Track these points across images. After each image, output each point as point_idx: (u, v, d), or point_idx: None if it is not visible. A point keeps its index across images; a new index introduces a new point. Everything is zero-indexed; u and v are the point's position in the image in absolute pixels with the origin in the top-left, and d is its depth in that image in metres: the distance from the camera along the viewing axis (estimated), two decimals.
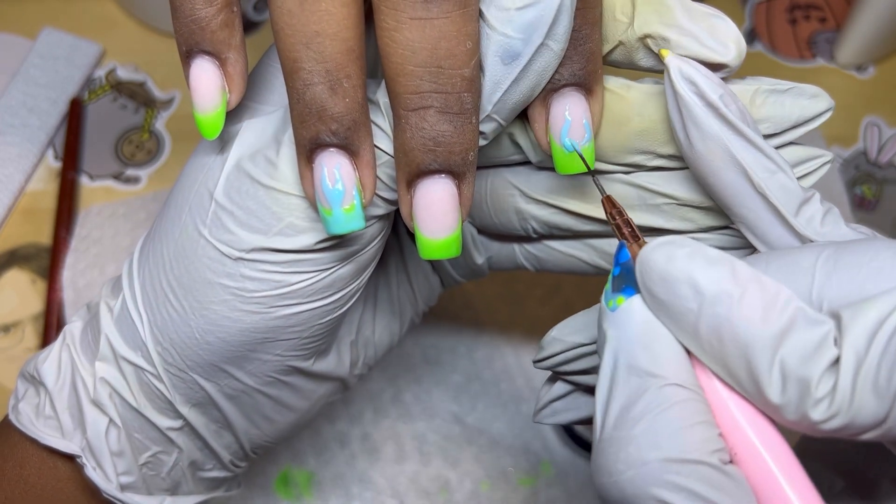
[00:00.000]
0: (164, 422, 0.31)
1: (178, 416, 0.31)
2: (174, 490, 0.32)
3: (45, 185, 0.51)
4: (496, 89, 0.25)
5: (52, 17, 0.55)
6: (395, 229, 0.35)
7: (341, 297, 0.29)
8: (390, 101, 0.25)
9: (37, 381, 0.31)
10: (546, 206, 0.31)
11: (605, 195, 0.25)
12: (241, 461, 0.34)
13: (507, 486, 0.45)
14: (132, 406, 0.30)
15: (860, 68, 0.56)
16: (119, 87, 0.54)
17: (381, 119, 0.26)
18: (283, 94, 0.29)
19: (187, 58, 0.26)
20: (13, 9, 0.55)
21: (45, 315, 0.47)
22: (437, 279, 0.37)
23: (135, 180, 0.51)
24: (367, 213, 0.27)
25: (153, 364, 0.30)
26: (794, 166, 0.28)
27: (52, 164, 0.51)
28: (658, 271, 0.22)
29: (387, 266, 0.35)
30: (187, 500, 0.33)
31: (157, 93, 0.54)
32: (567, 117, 0.26)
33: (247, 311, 0.28)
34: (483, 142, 0.26)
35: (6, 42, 0.54)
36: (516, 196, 0.31)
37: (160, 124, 0.53)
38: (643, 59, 0.27)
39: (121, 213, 0.50)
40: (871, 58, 0.55)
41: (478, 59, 0.24)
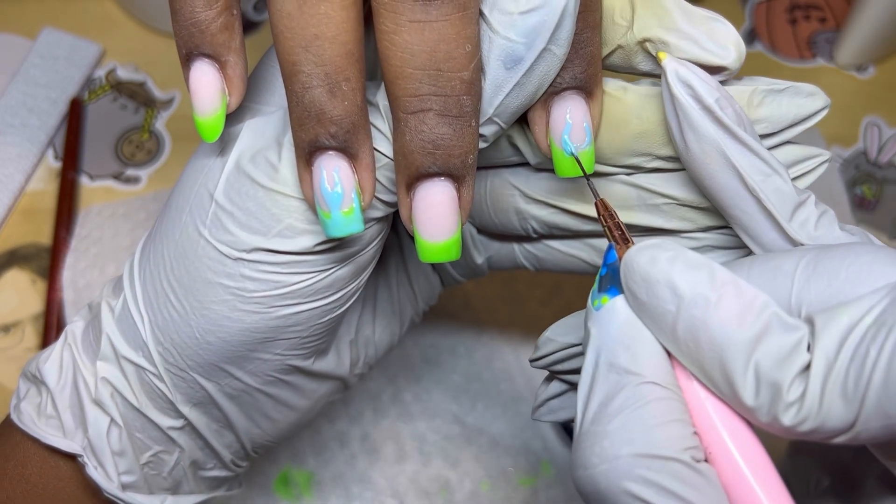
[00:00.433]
0: (166, 421, 0.31)
1: (180, 415, 0.31)
2: (175, 489, 0.33)
3: (45, 185, 0.51)
4: (498, 93, 0.25)
5: (52, 17, 0.55)
6: (396, 229, 0.35)
7: (340, 297, 0.29)
8: (389, 104, 0.25)
9: (38, 380, 0.31)
10: (546, 207, 0.31)
11: (598, 198, 0.26)
12: (242, 460, 0.34)
13: (507, 486, 0.45)
14: (133, 406, 0.30)
15: (860, 68, 0.56)
16: (119, 87, 0.54)
17: (381, 122, 0.26)
18: (283, 95, 0.28)
19: (187, 61, 0.26)
20: (13, 9, 0.55)
21: (45, 315, 0.47)
22: (438, 279, 0.37)
23: (135, 180, 0.51)
24: (366, 215, 0.27)
25: (154, 364, 0.30)
26: (792, 166, 0.28)
27: (52, 164, 0.51)
28: (640, 273, 0.23)
29: (387, 266, 0.35)
30: (188, 500, 0.33)
31: (157, 93, 0.54)
32: (568, 120, 0.26)
33: (247, 311, 0.28)
34: (483, 144, 0.26)
35: (6, 42, 0.54)
36: (516, 196, 0.31)
37: (160, 124, 0.53)
38: (642, 62, 0.27)
39: (121, 213, 0.50)
40: (871, 58, 0.55)
41: (477, 61, 0.24)
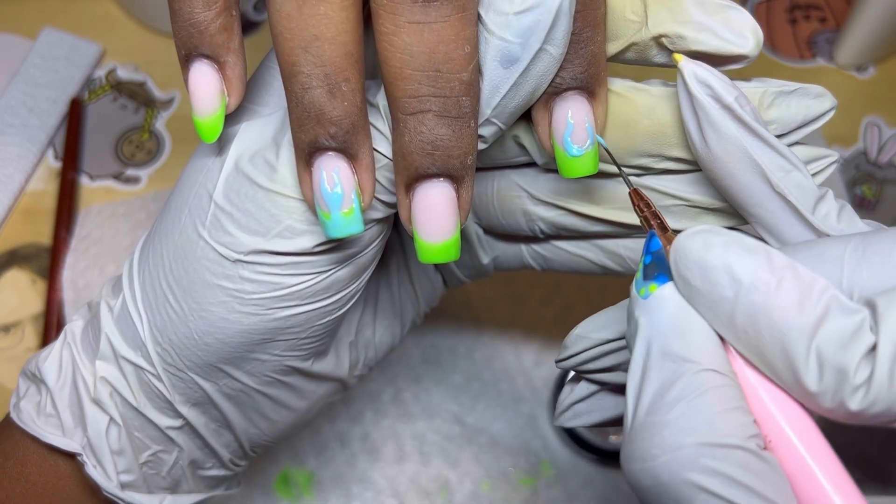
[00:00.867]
0: (164, 421, 0.31)
1: (178, 415, 0.31)
2: (174, 488, 0.33)
3: (45, 185, 0.51)
4: (495, 93, 0.25)
5: (52, 17, 0.54)
6: (397, 229, 0.35)
7: (340, 298, 0.29)
8: (388, 105, 0.25)
9: (38, 379, 0.31)
10: (554, 208, 0.31)
11: (632, 188, 0.25)
12: (240, 460, 0.34)
13: (507, 486, 0.45)
14: (132, 405, 0.30)
15: (860, 68, 0.56)
16: (119, 87, 0.54)
17: (381, 122, 0.26)
18: (282, 96, 0.28)
19: (186, 61, 0.26)
20: (13, 9, 0.55)
21: (45, 315, 0.47)
22: (440, 279, 0.37)
23: (135, 180, 0.51)
24: (366, 216, 0.27)
25: (153, 364, 0.30)
26: None
27: (52, 164, 0.51)
28: (694, 259, 0.22)
29: (388, 266, 0.35)
30: (187, 499, 0.33)
31: (157, 93, 0.54)
32: (569, 121, 0.26)
33: (245, 312, 0.28)
34: (482, 145, 0.26)
35: (6, 42, 0.54)
36: (524, 198, 0.31)
37: (160, 124, 0.53)
38: (657, 55, 0.27)
39: (121, 213, 0.50)
40: (871, 58, 0.55)
41: (476, 62, 0.24)
